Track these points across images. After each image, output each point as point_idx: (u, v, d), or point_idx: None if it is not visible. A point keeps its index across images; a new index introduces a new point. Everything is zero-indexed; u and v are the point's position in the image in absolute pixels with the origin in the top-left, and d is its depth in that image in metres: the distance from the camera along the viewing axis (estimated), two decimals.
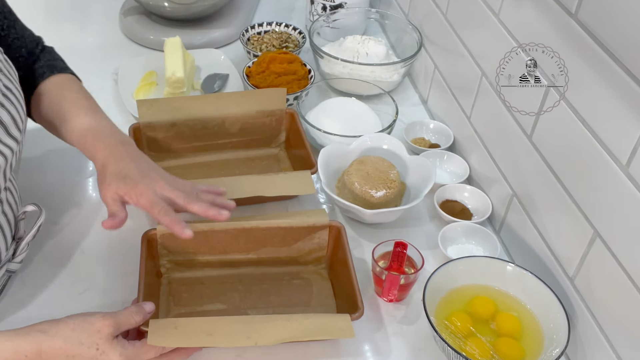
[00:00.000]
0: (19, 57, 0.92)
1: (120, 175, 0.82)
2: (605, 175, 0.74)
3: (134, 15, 1.48)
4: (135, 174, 0.82)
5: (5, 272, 0.87)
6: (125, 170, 0.82)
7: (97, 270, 0.93)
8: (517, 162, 0.96)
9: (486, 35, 1.01)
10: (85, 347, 0.71)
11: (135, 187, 0.81)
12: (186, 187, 0.86)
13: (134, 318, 0.76)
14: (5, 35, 0.89)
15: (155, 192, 0.81)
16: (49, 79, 0.94)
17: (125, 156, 0.84)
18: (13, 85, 0.83)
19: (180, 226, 0.80)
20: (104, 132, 0.87)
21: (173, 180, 0.86)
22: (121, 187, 0.81)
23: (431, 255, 0.98)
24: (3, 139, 0.78)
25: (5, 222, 0.84)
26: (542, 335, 0.83)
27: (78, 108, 0.90)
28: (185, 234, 0.80)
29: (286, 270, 0.95)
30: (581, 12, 0.76)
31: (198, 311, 0.88)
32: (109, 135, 0.87)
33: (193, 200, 0.83)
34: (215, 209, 0.83)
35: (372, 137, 1.09)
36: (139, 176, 0.82)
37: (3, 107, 0.78)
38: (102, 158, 0.84)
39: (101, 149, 0.85)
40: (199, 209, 0.83)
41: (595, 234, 0.78)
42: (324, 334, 0.80)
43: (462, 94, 1.14)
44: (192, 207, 0.83)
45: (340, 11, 1.44)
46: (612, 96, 0.72)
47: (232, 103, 1.12)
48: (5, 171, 0.81)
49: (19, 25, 0.93)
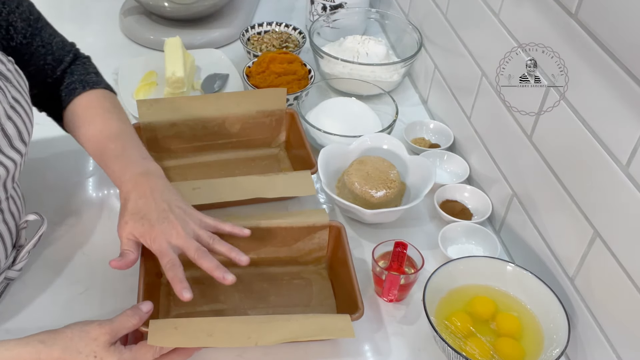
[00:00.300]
0: (44, 64, 0.92)
1: (138, 215, 0.81)
2: (606, 175, 0.74)
3: (134, 15, 1.48)
4: (153, 216, 0.81)
5: (4, 280, 0.88)
6: (144, 211, 0.81)
7: (97, 271, 0.93)
8: (517, 162, 0.96)
9: (486, 35, 1.01)
10: (83, 355, 0.72)
11: (151, 231, 0.80)
12: (203, 235, 0.82)
13: (130, 322, 0.76)
14: (27, 43, 0.89)
15: (169, 241, 0.80)
16: (81, 97, 0.93)
17: (147, 192, 0.82)
18: (22, 97, 0.82)
19: (180, 286, 0.77)
20: (130, 160, 0.86)
21: (193, 221, 0.83)
22: (137, 228, 0.80)
23: (431, 255, 0.98)
24: (6, 151, 0.78)
25: (6, 231, 0.84)
26: (542, 335, 0.83)
27: (107, 131, 0.90)
28: (184, 296, 0.77)
29: (286, 270, 0.95)
30: (581, 12, 0.76)
31: (198, 311, 0.88)
32: (134, 163, 0.86)
33: (202, 256, 0.80)
34: (221, 271, 0.80)
35: (372, 137, 1.09)
36: (157, 219, 0.80)
37: (10, 120, 0.78)
38: (125, 192, 0.84)
39: (125, 180, 0.84)
40: (207, 267, 0.80)
41: (595, 234, 0.78)
42: (324, 334, 0.80)
43: (462, 94, 1.14)
44: (201, 263, 0.80)
45: (340, 11, 1.44)
46: (612, 96, 0.72)
47: (232, 103, 1.12)
48: (6, 183, 0.81)
49: (46, 33, 0.92)
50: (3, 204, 0.82)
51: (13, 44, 0.87)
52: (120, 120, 0.93)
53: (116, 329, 0.75)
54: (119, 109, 0.95)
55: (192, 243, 0.81)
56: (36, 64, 0.91)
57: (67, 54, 0.95)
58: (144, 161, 0.88)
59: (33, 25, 0.89)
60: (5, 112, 0.78)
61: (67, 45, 0.97)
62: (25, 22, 0.88)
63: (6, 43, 0.86)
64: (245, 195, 0.97)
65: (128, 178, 0.85)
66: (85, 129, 0.92)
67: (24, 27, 0.88)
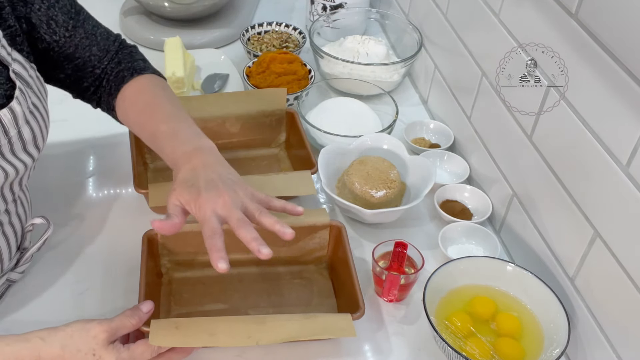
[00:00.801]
0: (90, 55, 0.92)
1: (187, 183, 0.78)
2: (606, 175, 0.74)
3: (134, 15, 1.48)
4: (201, 184, 0.78)
5: (6, 281, 0.88)
6: (193, 180, 0.78)
7: (97, 271, 0.93)
8: (518, 162, 0.96)
9: (486, 35, 1.01)
10: (82, 353, 0.72)
11: (197, 198, 0.76)
12: (250, 206, 0.78)
13: (129, 321, 0.76)
14: (71, 36, 0.89)
15: (214, 209, 0.76)
16: (130, 84, 0.93)
17: (199, 165, 0.80)
18: (41, 103, 0.83)
19: (217, 255, 0.73)
20: (181, 137, 0.85)
21: (243, 192, 0.79)
22: (184, 195, 0.77)
23: (431, 255, 0.98)
24: (18, 153, 0.79)
25: (12, 233, 0.84)
26: (542, 335, 0.83)
27: (159, 113, 0.89)
28: (219, 266, 0.72)
29: (287, 269, 0.95)
30: (581, 12, 0.76)
31: (199, 311, 0.88)
32: (186, 142, 0.84)
33: (242, 226, 0.75)
34: (258, 243, 0.74)
35: (372, 137, 1.09)
36: (205, 187, 0.77)
37: (27, 124, 0.79)
38: (177, 167, 0.82)
39: (177, 157, 0.83)
40: (244, 236, 0.75)
41: (595, 234, 0.78)
42: (325, 334, 0.80)
43: (462, 94, 1.14)
44: (239, 232, 0.76)
45: (341, 11, 1.44)
46: (612, 96, 0.72)
47: (232, 103, 1.12)
48: (12, 184, 0.81)
49: (89, 25, 0.92)
50: (10, 205, 0.83)
51: (56, 37, 0.87)
52: (171, 103, 0.91)
53: (115, 328, 0.75)
54: (169, 92, 0.94)
55: (236, 213, 0.76)
56: (82, 56, 0.91)
57: (112, 44, 0.94)
58: (196, 138, 0.85)
59: (75, 18, 0.89)
60: (24, 116, 0.78)
61: (112, 36, 0.96)
62: (67, 15, 0.88)
63: (49, 37, 0.87)
64: None
65: (180, 155, 0.82)
66: (136, 115, 0.91)
67: (65, 21, 0.88)
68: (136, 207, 1.03)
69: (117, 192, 1.07)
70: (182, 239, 0.91)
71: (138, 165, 1.03)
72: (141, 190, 0.98)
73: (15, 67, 0.79)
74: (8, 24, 0.80)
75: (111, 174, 1.10)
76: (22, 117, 0.78)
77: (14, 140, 0.77)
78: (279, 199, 0.81)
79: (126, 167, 1.07)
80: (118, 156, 1.12)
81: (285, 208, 0.81)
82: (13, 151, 0.78)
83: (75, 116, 1.20)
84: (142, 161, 1.09)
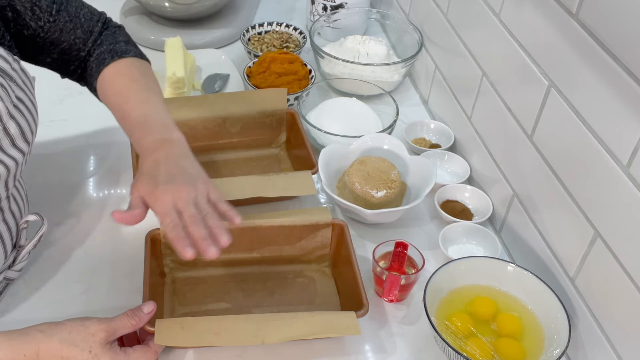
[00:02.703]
0: (74, 39, 0.91)
1: (148, 175, 0.79)
2: (606, 175, 0.74)
3: (135, 15, 1.48)
4: (160, 177, 0.78)
5: (4, 280, 0.88)
6: (154, 172, 0.79)
7: (98, 270, 0.93)
8: (518, 162, 0.96)
9: (487, 35, 1.01)
10: (79, 349, 0.73)
11: (155, 190, 0.77)
12: (201, 204, 0.79)
13: (129, 322, 0.77)
14: (55, 21, 0.89)
15: (172, 202, 0.77)
16: (109, 67, 0.92)
17: (162, 157, 0.80)
18: (26, 95, 0.82)
19: (182, 244, 0.74)
20: (150, 126, 0.85)
21: (199, 190, 0.79)
22: (144, 186, 0.78)
23: (432, 255, 0.98)
24: (8, 150, 0.78)
25: (6, 231, 0.84)
26: (543, 335, 0.83)
27: (133, 99, 0.88)
28: (186, 253, 0.74)
29: (290, 268, 0.95)
30: (582, 12, 0.76)
31: (203, 310, 0.88)
32: (155, 131, 0.84)
33: (194, 222, 0.76)
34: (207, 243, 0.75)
35: (373, 137, 1.09)
36: (163, 180, 0.78)
37: (12, 119, 0.78)
38: (142, 157, 0.82)
39: (144, 146, 0.83)
40: (194, 234, 0.76)
41: (596, 234, 0.78)
42: (330, 332, 0.80)
43: (463, 94, 1.14)
44: (192, 230, 0.76)
45: (341, 11, 1.44)
46: (612, 96, 0.72)
47: (232, 103, 1.12)
48: (7, 181, 0.81)
49: (72, 6, 0.91)
50: (3, 202, 0.82)
51: (41, 23, 0.87)
52: (147, 88, 0.91)
53: (114, 328, 0.75)
54: (147, 76, 0.93)
55: (190, 209, 0.77)
56: (67, 40, 0.91)
57: (95, 24, 0.94)
58: (165, 129, 0.85)
59: (57, 2, 0.89)
60: (8, 111, 0.78)
61: (95, 15, 0.95)
62: (50, 0, 0.88)
63: (34, 24, 0.87)
64: (245, 194, 0.96)
65: (147, 145, 0.83)
66: (113, 98, 0.91)
67: (49, 5, 0.88)
68: None
69: (117, 192, 1.07)
70: None
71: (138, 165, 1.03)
72: None
73: None
74: None
75: (111, 173, 1.10)
76: (6, 113, 0.77)
77: (0, 136, 0.77)
78: (226, 203, 0.81)
79: (126, 167, 1.07)
80: (118, 156, 1.12)
81: (226, 214, 0.80)
82: (1, 147, 0.78)
83: (75, 116, 1.21)
84: None
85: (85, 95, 0.99)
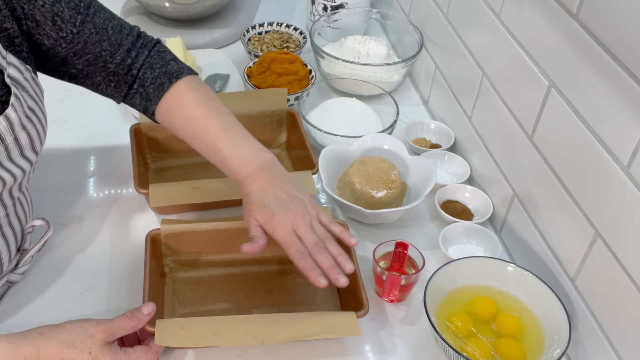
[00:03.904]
0: (100, 51, 0.88)
1: (259, 204, 0.83)
2: (607, 175, 0.74)
3: (135, 15, 1.48)
4: (273, 205, 0.83)
5: (6, 282, 0.88)
6: (264, 201, 0.83)
7: (98, 271, 0.93)
8: (518, 162, 0.96)
9: (487, 36, 1.01)
10: (78, 350, 0.73)
11: (272, 219, 0.82)
12: (318, 230, 0.84)
13: (129, 323, 0.77)
14: (79, 32, 0.85)
15: (291, 229, 0.82)
16: (170, 91, 0.90)
17: (267, 184, 0.85)
18: (37, 106, 0.82)
19: (314, 274, 0.79)
20: (243, 155, 0.87)
21: (311, 214, 0.84)
22: (260, 216, 0.83)
23: (432, 255, 0.98)
24: (16, 160, 0.78)
25: (12, 235, 0.84)
26: (543, 335, 0.83)
27: (212, 128, 0.89)
28: (320, 283, 0.78)
29: (290, 268, 0.94)
30: (582, 12, 0.76)
31: (203, 310, 0.88)
32: (249, 158, 0.87)
33: (319, 251, 0.81)
34: (335, 271, 0.79)
35: (373, 137, 1.09)
36: (277, 208, 0.82)
37: (24, 129, 0.78)
38: (247, 187, 0.86)
39: (244, 178, 0.86)
40: (321, 262, 0.80)
41: (596, 234, 0.78)
42: (330, 333, 0.80)
43: (463, 94, 1.14)
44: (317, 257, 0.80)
45: (341, 11, 1.44)
46: (612, 96, 0.72)
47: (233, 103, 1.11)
48: (12, 190, 0.81)
49: (99, 18, 0.88)
50: (9, 209, 0.83)
51: (63, 34, 0.84)
52: (219, 113, 0.91)
53: (114, 329, 0.76)
54: (212, 98, 0.93)
55: (312, 236, 0.82)
56: (92, 52, 0.87)
57: (125, 37, 0.90)
58: (257, 154, 0.88)
59: (83, 13, 0.85)
60: (21, 121, 0.77)
61: (126, 28, 0.91)
62: (74, 11, 0.84)
63: (55, 34, 0.83)
64: None
65: (246, 176, 0.86)
66: (187, 128, 0.91)
67: (72, 16, 0.84)
68: (137, 208, 1.03)
69: (117, 192, 1.07)
70: (185, 239, 0.91)
71: (139, 165, 1.03)
72: (142, 191, 0.98)
73: (10, 71, 0.77)
74: (4, 26, 0.78)
75: (112, 174, 1.10)
76: (19, 123, 0.77)
77: (11, 147, 0.76)
78: (337, 224, 0.87)
79: (127, 167, 1.07)
80: (118, 156, 1.12)
81: (341, 236, 0.85)
82: (10, 158, 0.77)
83: (75, 116, 1.21)
84: (143, 161, 1.09)
85: (86, 95, 0.99)
